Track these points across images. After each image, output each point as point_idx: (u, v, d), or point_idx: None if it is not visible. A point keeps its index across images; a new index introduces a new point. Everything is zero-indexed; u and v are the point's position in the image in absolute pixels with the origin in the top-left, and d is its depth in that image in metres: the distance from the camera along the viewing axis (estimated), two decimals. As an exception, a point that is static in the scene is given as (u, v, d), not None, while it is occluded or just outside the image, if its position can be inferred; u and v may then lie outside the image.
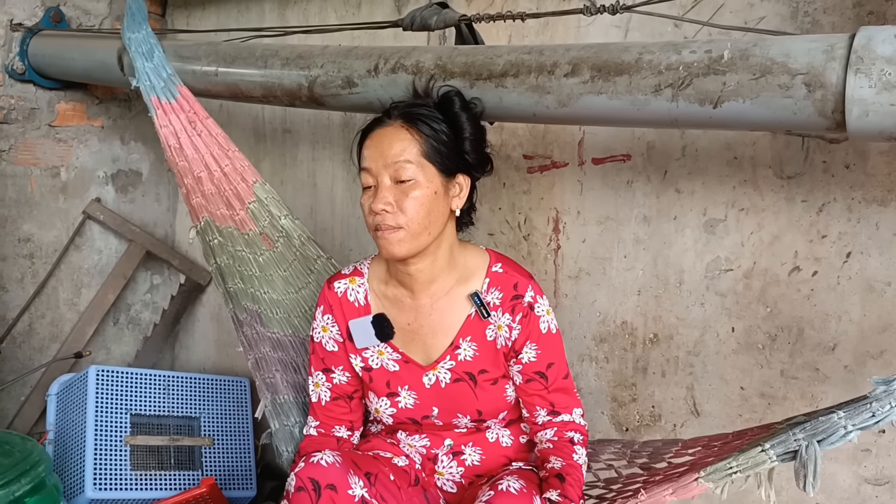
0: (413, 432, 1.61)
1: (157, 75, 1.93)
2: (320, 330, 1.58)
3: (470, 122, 1.48)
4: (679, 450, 1.54)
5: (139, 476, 2.22)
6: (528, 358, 1.49)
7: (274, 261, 1.87)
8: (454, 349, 1.51)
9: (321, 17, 2.51)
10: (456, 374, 1.51)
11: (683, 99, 1.29)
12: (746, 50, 1.24)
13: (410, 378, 1.53)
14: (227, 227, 1.85)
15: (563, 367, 1.52)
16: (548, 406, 1.52)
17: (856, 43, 1.14)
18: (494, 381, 1.52)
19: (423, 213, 1.40)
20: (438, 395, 1.53)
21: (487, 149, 1.55)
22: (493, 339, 1.50)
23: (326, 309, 1.58)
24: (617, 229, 1.97)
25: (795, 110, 1.20)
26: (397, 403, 1.55)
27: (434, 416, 1.54)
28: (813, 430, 1.21)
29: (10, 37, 2.55)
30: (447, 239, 1.49)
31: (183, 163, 1.87)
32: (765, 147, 1.73)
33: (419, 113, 1.45)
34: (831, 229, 1.67)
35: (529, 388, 1.51)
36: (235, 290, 1.80)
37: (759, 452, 1.26)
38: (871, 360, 1.64)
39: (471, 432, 1.58)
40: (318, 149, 2.60)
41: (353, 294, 1.56)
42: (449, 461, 1.59)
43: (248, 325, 1.76)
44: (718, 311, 1.83)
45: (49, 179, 2.71)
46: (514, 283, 1.49)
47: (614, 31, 1.90)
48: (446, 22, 1.70)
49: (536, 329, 1.48)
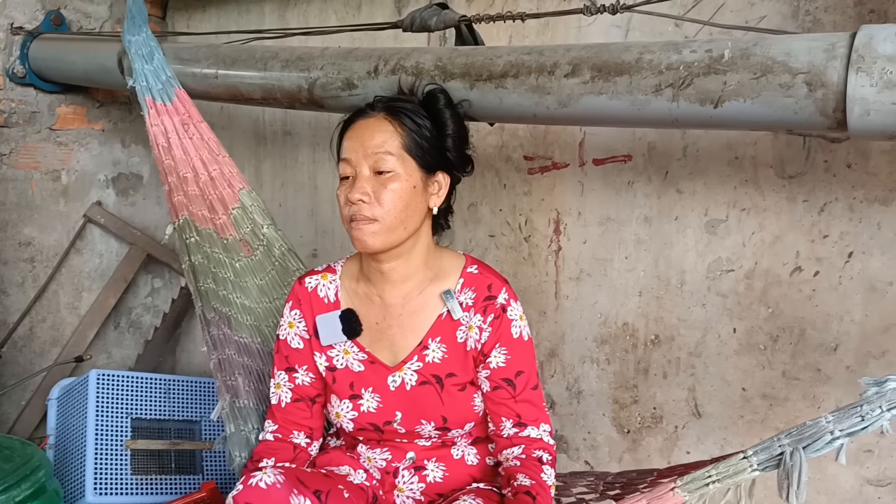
0: (374, 444, 1.54)
1: (156, 77, 1.93)
2: (286, 326, 1.54)
3: (453, 119, 1.47)
4: (654, 479, 1.47)
5: (140, 480, 2.21)
6: (496, 363, 1.43)
7: (251, 268, 1.85)
8: (422, 349, 1.46)
9: (321, 19, 2.51)
10: (422, 377, 1.46)
11: (684, 99, 1.28)
12: (747, 49, 1.23)
13: (375, 379, 1.48)
14: (206, 228, 1.84)
15: (534, 377, 1.46)
16: (514, 417, 1.44)
17: (857, 42, 1.13)
18: (462, 388, 1.46)
19: (401, 206, 1.38)
20: (403, 398, 1.46)
21: (469, 149, 1.52)
22: (464, 340, 1.45)
23: (295, 304, 1.54)
24: (618, 230, 1.96)
25: (796, 109, 1.19)
26: (359, 407, 1.48)
27: (397, 422, 1.47)
28: (798, 435, 1.13)
29: (10, 40, 2.55)
30: (422, 238, 1.46)
31: (169, 161, 1.86)
32: (766, 147, 1.72)
33: (403, 107, 1.44)
34: (833, 229, 1.66)
35: (496, 397, 1.45)
36: (206, 289, 1.78)
37: (739, 459, 1.17)
38: (873, 360, 1.64)
39: (435, 447, 1.51)
40: (319, 151, 2.60)
41: (324, 290, 1.53)
42: (410, 476, 1.52)
43: (215, 326, 1.73)
44: (720, 311, 1.82)
45: (50, 183, 2.71)
46: (489, 284, 1.45)
47: (615, 30, 1.90)
48: (446, 23, 1.70)
49: (507, 333, 1.43)
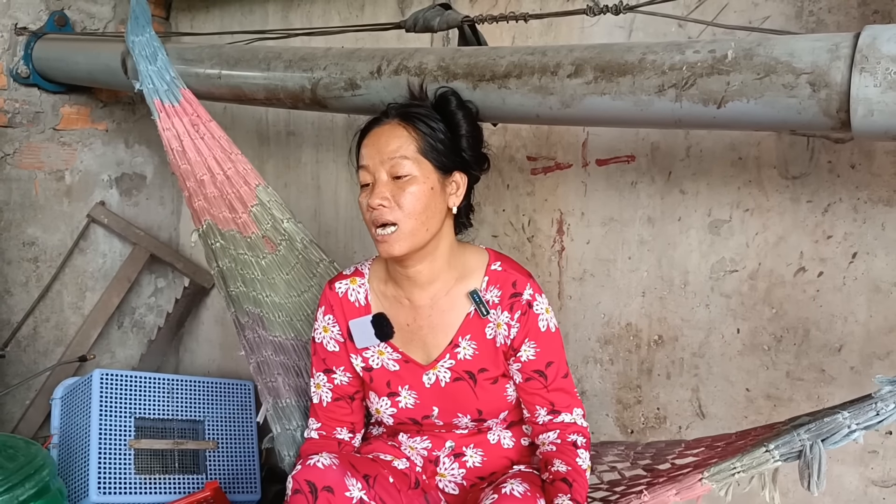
0: (414, 434, 1.61)
1: (160, 78, 1.93)
2: (321, 331, 1.59)
3: (466, 119, 1.50)
4: (682, 450, 1.54)
5: (143, 480, 2.22)
6: (526, 356, 1.49)
7: (276, 264, 1.86)
8: (454, 348, 1.51)
9: (324, 20, 2.51)
10: (456, 373, 1.51)
11: (687, 99, 1.28)
12: (750, 49, 1.23)
13: (410, 378, 1.54)
14: (229, 230, 1.85)
15: (563, 366, 1.52)
16: (548, 405, 1.51)
17: (860, 42, 1.13)
18: (494, 381, 1.52)
19: (420, 208, 1.41)
20: (438, 394, 1.53)
21: (485, 148, 1.56)
22: (493, 337, 1.50)
23: (328, 309, 1.58)
24: (621, 230, 1.96)
25: (800, 110, 1.19)
26: (398, 403, 1.55)
27: (434, 416, 1.54)
28: (818, 429, 1.21)
29: (14, 41, 2.56)
30: (445, 238, 1.49)
31: (185, 166, 1.87)
32: (770, 147, 1.72)
33: (416, 111, 1.48)
34: (837, 230, 1.66)
35: (529, 387, 1.51)
36: (237, 293, 1.79)
37: (763, 452, 1.25)
38: (877, 360, 1.63)
39: (472, 433, 1.58)
40: (322, 151, 2.60)
41: (354, 294, 1.57)
42: (451, 463, 1.59)
43: (249, 329, 1.76)
44: (723, 312, 1.82)
45: (53, 183, 2.71)
46: (513, 282, 1.49)
47: (618, 31, 1.90)
48: (449, 23, 1.70)
49: (535, 327, 1.48)
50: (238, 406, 2.53)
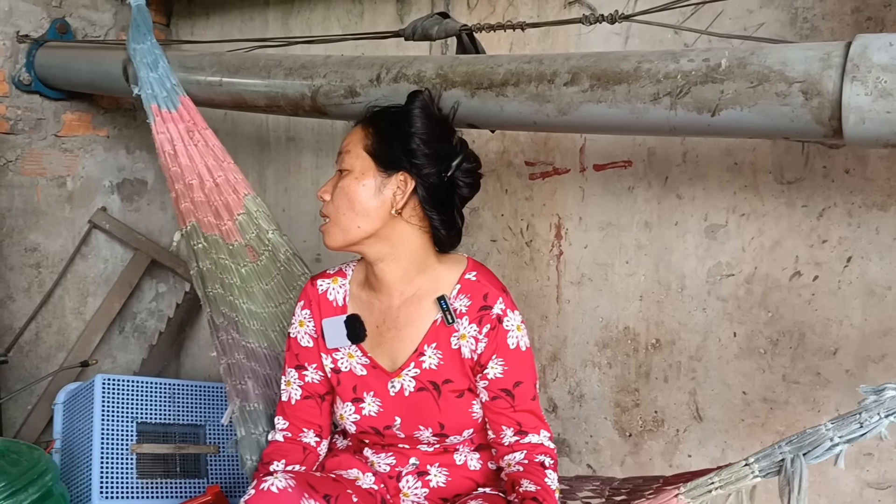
0: (379, 449, 1.55)
1: (160, 85, 1.95)
2: (297, 325, 1.56)
3: (423, 119, 1.42)
4: (661, 486, 1.49)
5: (145, 484, 2.22)
6: (493, 374, 1.43)
7: (256, 273, 1.86)
8: (419, 356, 1.46)
9: (324, 27, 2.52)
10: (420, 383, 1.46)
11: (682, 107, 1.30)
12: (744, 58, 1.25)
13: (376, 384, 1.49)
14: (212, 234, 1.85)
15: (532, 388, 1.45)
16: (515, 426, 1.44)
17: (852, 51, 1.15)
18: (460, 394, 1.46)
19: (347, 203, 1.41)
20: (402, 403, 1.48)
21: (454, 153, 1.44)
22: (458, 347, 1.44)
23: (306, 304, 1.56)
24: (619, 235, 1.97)
25: (793, 118, 1.21)
26: (361, 410, 1.50)
27: (396, 427, 1.49)
28: (799, 442, 1.18)
29: (16, 48, 2.57)
30: (405, 242, 1.44)
31: (175, 168, 1.88)
32: (765, 152, 1.74)
33: (382, 111, 1.48)
34: (832, 234, 1.68)
35: (495, 406, 1.44)
36: (214, 294, 1.79)
37: (741, 466, 1.22)
38: (872, 364, 1.65)
39: (438, 452, 1.52)
40: (322, 156, 2.62)
41: (333, 294, 1.55)
42: (414, 481, 1.53)
43: (223, 331, 1.74)
44: (720, 316, 1.83)
45: (55, 189, 2.73)
46: (485, 294, 1.44)
47: (615, 38, 1.91)
48: (447, 32, 1.71)
49: (504, 343, 1.42)
50: (239, 410, 2.54)
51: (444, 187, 1.43)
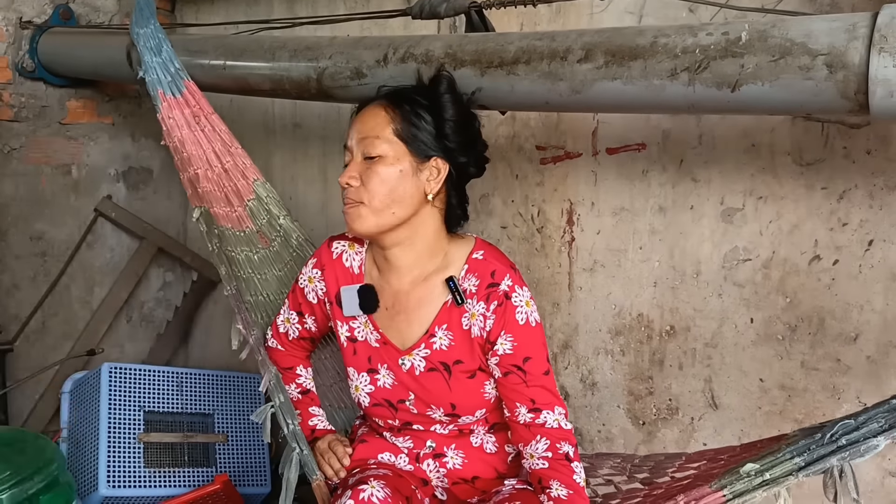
0: (396, 433, 1.57)
1: (164, 70, 1.92)
2: (306, 280, 1.60)
3: (454, 104, 1.46)
4: (683, 463, 1.47)
5: (153, 473, 2.22)
6: (503, 350, 1.42)
7: (269, 260, 1.87)
8: (429, 337, 1.47)
9: (330, 8, 2.49)
10: (430, 364, 1.47)
11: (700, 83, 1.25)
12: (765, 31, 1.20)
13: (389, 359, 1.51)
14: (225, 227, 1.86)
15: (543, 362, 1.44)
16: (528, 402, 1.43)
17: (879, 21, 1.10)
18: (471, 374, 1.46)
19: (385, 190, 1.41)
20: (413, 381, 1.49)
21: (477, 138, 1.50)
22: (468, 328, 1.45)
23: (317, 264, 1.59)
24: (632, 220, 1.94)
25: (816, 92, 1.16)
26: (376, 381, 1.52)
27: (410, 402, 1.50)
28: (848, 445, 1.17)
29: (19, 35, 2.55)
30: (424, 226, 1.46)
31: (184, 155, 1.86)
32: (783, 133, 1.69)
33: (402, 93, 1.47)
34: (852, 217, 1.63)
35: (508, 382, 1.44)
36: (238, 273, 1.83)
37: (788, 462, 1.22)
38: (894, 350, 1.61)
39: (453, 435, 1.53)
40: (329, 144, 2.59)
41: (350, 260, 1.56)
42: (433, 463, 1.55)
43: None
44: (736, 301, 1.79)
45: (60, 177, 2.71)
46: (492, 271, 1.44)
47: (628, 17, 1.87)
48: (456, 9, 1.68)
49: (512, 319, 1.42)
50: (247, 399, 2.52)
51: (470, 171, 1.49)
